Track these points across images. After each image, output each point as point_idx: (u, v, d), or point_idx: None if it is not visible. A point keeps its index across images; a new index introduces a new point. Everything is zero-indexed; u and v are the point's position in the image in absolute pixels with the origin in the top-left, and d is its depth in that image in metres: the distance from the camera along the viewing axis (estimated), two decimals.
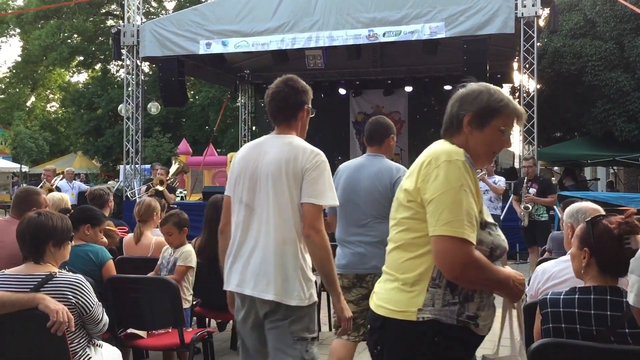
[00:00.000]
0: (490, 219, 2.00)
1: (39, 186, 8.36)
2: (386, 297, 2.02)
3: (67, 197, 5.17)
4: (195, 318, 4.72)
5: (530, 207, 7.74)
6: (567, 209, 3.36)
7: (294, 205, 2.62)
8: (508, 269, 1.99)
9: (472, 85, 2.07)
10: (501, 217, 9.08)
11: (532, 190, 7.82)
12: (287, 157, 2.65)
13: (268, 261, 2.61)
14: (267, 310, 2.62)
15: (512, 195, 8.68)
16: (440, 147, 1.97)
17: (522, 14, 10.59)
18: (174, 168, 10.49)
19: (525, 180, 8.00)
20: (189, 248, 4.27)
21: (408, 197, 1.97)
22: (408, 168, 2.10)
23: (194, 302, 4.46)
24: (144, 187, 10.38)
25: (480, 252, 1.88)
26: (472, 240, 1.84)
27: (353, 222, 3.62)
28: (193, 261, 4.21)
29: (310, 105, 2.84)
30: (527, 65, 10.93)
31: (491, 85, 2.09)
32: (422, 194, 1.91)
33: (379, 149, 3.75)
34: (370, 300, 2.13)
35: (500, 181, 8.74)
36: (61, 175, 11.06)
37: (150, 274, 4.21)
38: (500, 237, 1.99)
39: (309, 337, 2.64)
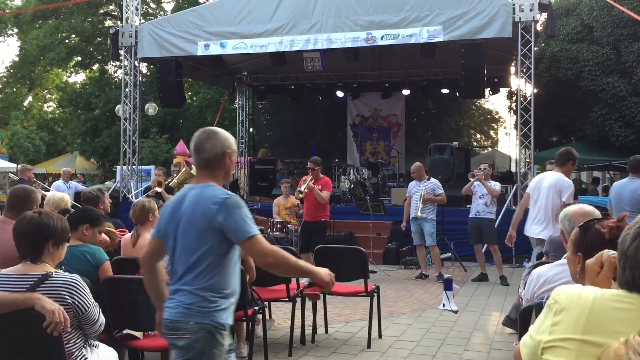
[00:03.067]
0: None
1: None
2: None
3: (68, 198, 5.14)
4: None
5: None
6: (560, 214, 3.39)
7: (555, 202, 6.05)
8: None
9: None
10: (496, 222, 9.12)
11: None
12: (554, 183, 6.17)
13: (546, 221, 6.17)
14: (539, 242, 6.20)
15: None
16: None
17: (520, 19, 10.62)
18: (184, 174, 10.17)
19: None
20: None
21: None
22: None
23: None
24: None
25: None
26: None
27: (619, 211, 6.01)
28: None
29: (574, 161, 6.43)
30: (524, 70, 10.96)
31: None
32: None
33: (637, 174, 6.57)
34: None
35: (495, 186, 8.80)
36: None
37: None
38: None
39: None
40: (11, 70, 32.26)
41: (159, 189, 9.33)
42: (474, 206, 8.80)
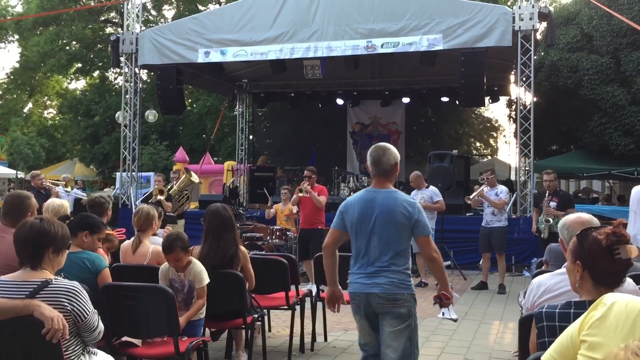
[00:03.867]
0: None
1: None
2: None
3: (67, 204, 5.13)
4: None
5: (552, 220, 7.79)
6: (559, 223, 3.39)
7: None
8: None
9: None
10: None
11: (553, 204, 7.90)
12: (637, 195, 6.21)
13: None
14: None
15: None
16: None
17: (520, 28, 10.66)
18: (184, 181, 10.17)
19: (547, 193, 8.07)
20: (199, 267, 4.19)
21: None
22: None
23: None
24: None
25: None
26: None
27: None
28: (207, 276, 4.19)
29: None
30: (524, 78, 10.99)
31: None
32: None
33: None
34: None
35: (502, 192, 8.68)
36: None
37: None
38: None
39: None
40: (11, 77, 32.32)
41: (160, 197, 9.34)
42: (484, 215, 8.90)
